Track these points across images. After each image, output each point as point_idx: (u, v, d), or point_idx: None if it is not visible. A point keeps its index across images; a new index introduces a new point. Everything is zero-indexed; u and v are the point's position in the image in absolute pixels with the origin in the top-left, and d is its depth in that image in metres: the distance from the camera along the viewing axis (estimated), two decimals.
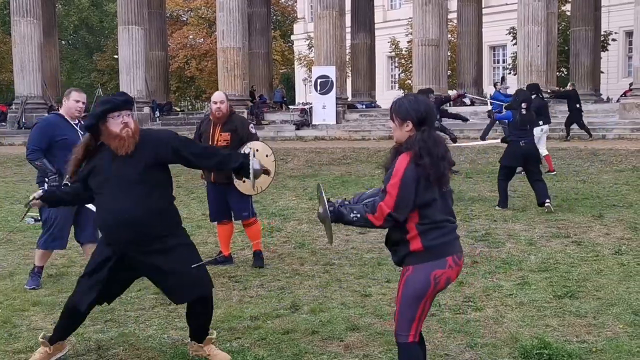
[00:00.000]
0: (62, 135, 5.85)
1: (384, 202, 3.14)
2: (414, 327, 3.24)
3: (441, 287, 3.25)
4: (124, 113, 3.89)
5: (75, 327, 4.22)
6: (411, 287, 3.21)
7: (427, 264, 3.18)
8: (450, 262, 3.22)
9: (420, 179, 3.12)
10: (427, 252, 3.18)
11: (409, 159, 3.14)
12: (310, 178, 13.93)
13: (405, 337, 3.24)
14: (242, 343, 4.47)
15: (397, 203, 3.11)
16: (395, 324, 3.31)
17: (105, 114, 3.86)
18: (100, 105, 3.92)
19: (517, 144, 9.53)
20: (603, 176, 12.79)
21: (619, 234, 7.79)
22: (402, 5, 46.94)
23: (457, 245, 3.31)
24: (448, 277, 3.23)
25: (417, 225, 3.18)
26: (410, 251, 3.21)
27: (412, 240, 3.20)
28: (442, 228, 3.21)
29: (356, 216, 3.22)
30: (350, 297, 5.52)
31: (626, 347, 4.25)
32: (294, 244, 7.66)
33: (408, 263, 3.24)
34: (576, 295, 5.41)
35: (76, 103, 5.95)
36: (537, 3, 23.73)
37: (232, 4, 26.30)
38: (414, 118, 3.20)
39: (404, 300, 3.24)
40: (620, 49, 37.92)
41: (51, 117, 6.18)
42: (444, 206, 3.24)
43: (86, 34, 50.04)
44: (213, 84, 38.51)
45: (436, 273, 3.19)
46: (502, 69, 43.60)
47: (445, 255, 3.21)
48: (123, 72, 28.05)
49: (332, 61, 25.96)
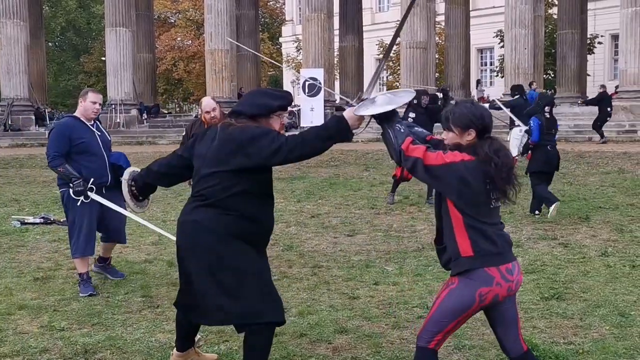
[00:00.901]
0: (80, 139, 5.76)
1: (426, 151, 3.08)
2: (438, 338, 3.19)
3: (485, 305, 3.14)
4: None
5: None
6: (453, 299, 3.12)
7: (474, 281, 3.07)
8: (498, 279, 3.07)
9: (466, 182, 3.03)
10: (476, 259, 3.08)
11: (468, 159, 3.05)
12: (298, 180, 13.93)
13: (427, 342, 3.19)
14: (230, 346, 4.46)
15: (432, 167, 3.05)
16: (422, 326, 3.25)
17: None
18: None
19: (545, 148, 9.21)
20: (589, 178, 12.88)
21: (605, 235, 7.84)
22: (390, 8, 47.07)
23: (507, 257, 3.15)
24: (496, 294, 3.09)
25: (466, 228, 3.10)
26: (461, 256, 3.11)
27: (462, 244, 3.10)
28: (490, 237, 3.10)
29: (399, 129, 3.19)
30: (339, 300, 5.52)
31: (612, 349, 4.28)
32: (282, 246, 7.65)
33: (454, 272, 3.15)
34: (563, 297, 5.44)
35: (93, 105, 5.85)
36: (524, 6, 23.88)
37: (220, 6, 26.29)
38: (477, 126, 3.11)
39: (441, 309, 3.16)
40: (606, 52, 38.21)
41: (68, 121, 6.01)
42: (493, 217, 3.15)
43: (73, 36, 49.78)
44: (201, 86, 38.49)
45: (482, 290, 3.08)
46: (490, 71, 43.88)
47: (492, 264, 3.08)
48: (110, 74, 27.95)
49: (320, 63, 25.99)
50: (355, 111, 3.39)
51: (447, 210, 3.15)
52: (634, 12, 21.93)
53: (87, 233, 5.84)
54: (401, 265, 6.64)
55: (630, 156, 15.41)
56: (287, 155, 3.42)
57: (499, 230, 3.18)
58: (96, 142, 5.84)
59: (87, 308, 5.40)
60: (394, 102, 3.33)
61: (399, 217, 9.41)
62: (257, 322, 3.46)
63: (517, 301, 5.26)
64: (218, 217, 3.48)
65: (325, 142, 3.46)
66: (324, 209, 10.35)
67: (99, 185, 5.80)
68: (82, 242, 5.82)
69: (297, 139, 3.41)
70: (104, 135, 6.02)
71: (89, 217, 5.81)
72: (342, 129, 3.42)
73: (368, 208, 10.28)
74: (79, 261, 5.91)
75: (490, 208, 3.11)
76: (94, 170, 5.77)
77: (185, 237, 3.60)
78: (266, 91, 3.72)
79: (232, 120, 3.56)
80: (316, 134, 3.45)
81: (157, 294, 5.77)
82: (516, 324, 3.23)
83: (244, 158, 3.42)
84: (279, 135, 3.45)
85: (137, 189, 4.22)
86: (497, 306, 3.17)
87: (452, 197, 3.09)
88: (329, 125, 3.47)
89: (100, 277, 6.32)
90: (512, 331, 3.22)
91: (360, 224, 8.98)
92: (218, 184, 3.48)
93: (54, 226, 9.22)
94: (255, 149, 3.41)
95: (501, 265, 3.10)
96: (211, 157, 3.53)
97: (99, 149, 5.84)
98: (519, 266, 3.23)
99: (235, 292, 3.45)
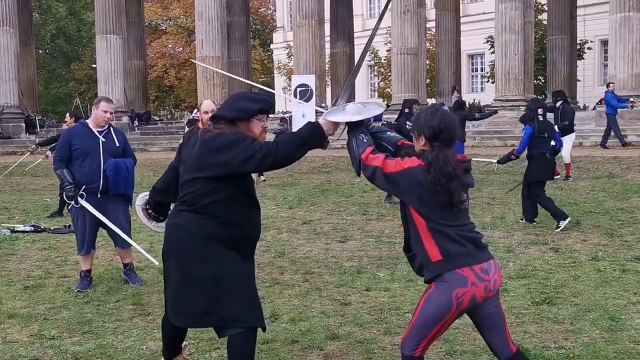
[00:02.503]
0: (78, 145, 6.07)
1: (385, 159, 3.11)
2: (423, 345, 3.18)
3: (465, 307, 3.13)
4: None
5: None
6: (432, 305, 3.12)
7: (449, 283, 3.07)
8: (472, 279, 3.06)
9: (424, 187, 3.04)
10: (445, 262, 3.07)
11: (423, 164, 3.07)
12: (290, 187, 13.93)
13: (412, 350, 3.18)
14: (221, 353, 4.44)
15: (390, 174, 3.08)
16: (405, 334, 3.24)
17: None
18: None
19: (544, 155, 8.84)
20: (580, 183, 12.94)
21: (595, 240, 7.87)
22: None
23: (479, 257, 3.14)
24: (473, 295, 3.08)
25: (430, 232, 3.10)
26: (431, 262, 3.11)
27: (430, 249, 3.10)
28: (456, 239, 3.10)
29: (362, 138, 3.23)
30: (330, 306, 5.51)
31: (603, 353, 4.30)
32: (273, 253, 7.64)
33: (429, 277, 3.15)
34: (554, 301, 5.45)
35: (104, 113, 6.15)
36: (514, 12, 24.00)
37: (211, 13, 26.30)
38: (427, 134, 3.11)
39: (421, 317, 3.15)
40: (596, 57, 38.41)
41: (74, 127, 6.49)
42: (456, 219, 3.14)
43: (63, 43, 49.62)
44: (192, 93, 38.46)
45: (458, 292, 3.07)
46: (481, 77, 44.04)
47: (463, 265, 3.07)
48: (101, 81, 27.89)
49: (311, 70, 26.01)
50: (324, 115, 3.41)
51: (411, 218, 3.15)
52: (623, 17, 22.08)
53: (82, 233, 6.18)
54: (393, 271, 6.65)
55: (620, 161, 15.48)
56: (260, 163, 3.38)
57: (468, 232, 3.15)
58: (96, 149, 6.08)
59: (78, 316, 5.37)
60: (363, 113, 3.34)
61: (391, 223, 9.42)
62: (237, 326, 3.46)
63: (509, 306, 5.30)
64: (200, 221, 3.48)
65: (299, 149, 3.42)
66: (316, 215, 10.35)
67: (90, 189, 6.06)
68: (79, 241, 6.27)
69: (270, 146, 3.38)
70: (111, 142, 6.19)
71: (82, 218, 6.13)
72: (317, 136, 3.40)
73: (360, 214, 10.29)
74: (80, 258, 6.36)
75: (455, 210, 3.09)
76: (84, 174, 6.06)
77: (167, 240, 3.62)
78: (246, 95, 3.68)
79: (211, 126, 3.56)
80: (289, 141, 3.42)
81: (148, 302, 5.75)
82: (503, 326, 3.22)
83: (220, 165, 3.40)
84: (253, 142, 3.41)
85: (153, 210, 4.25)
86: (478, 309, 3.17)
87: (413, 203, 3.10)
88: (302, 131, 3.43)
89: (94, 284, 6.30)
90: (499, 333, 3.21)
91: (352, 230, 8.98)
92: (198, 190, 3.47)
93: (44, 234, 9.18)
94: (230, 156, 3.38)
95: (474, 265, 3.09)
96: (191, 163, 3.53)
97: (97, 156, 6.06)
98: (496, 265, 3.21)
99: (215, 296, 3.44)
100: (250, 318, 3.50)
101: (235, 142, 3.39)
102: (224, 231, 3.48)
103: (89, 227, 6.16)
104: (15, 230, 9.34)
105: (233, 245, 3.51)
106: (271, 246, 8.00)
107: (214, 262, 3.46)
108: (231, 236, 3.50)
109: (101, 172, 6.04)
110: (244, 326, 3.48)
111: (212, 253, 3.47)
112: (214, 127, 3.52)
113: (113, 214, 6.14)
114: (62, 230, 9.38)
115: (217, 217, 3.47)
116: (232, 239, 3.51)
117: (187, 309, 3.52)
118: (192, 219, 3.49)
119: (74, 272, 6.89)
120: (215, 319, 3.50)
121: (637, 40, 22.07)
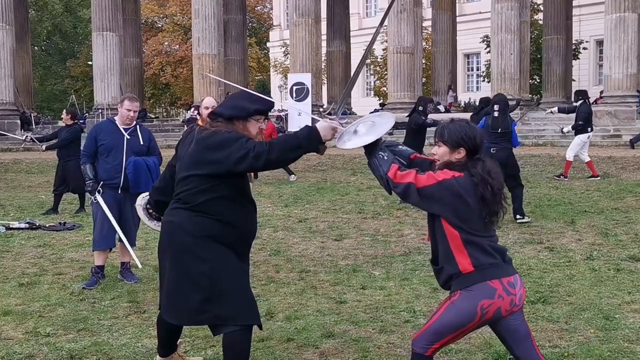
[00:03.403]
0: (103, 140, 6.21)
1: (417, 175, 3.07)
2: (435, 347, 3.17)
3: (488, 319, 3.11)
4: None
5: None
6: (454, 312, 3.11)
7: (476, 293, 3.06)
8: (500, 291, 3.06)
9: (462, 198, 3.04)
10: (477, 273, 3.07)
11: (459, 175, 3.07)
12: (286, 185, 13.93)
13: (424, 350, 3.17)
14: (217, 351, 4.44)
15: (425, 188, 3.04)
16: (419, 332, 3.23)
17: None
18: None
19: (488, 150, 8.65)
20: (575, 182, 12.97)
21: (590, 239, 7.90)
22: (377, 14, 47.26)
23: (507, 271, 3.14)
24: (498, 307, 3.07)
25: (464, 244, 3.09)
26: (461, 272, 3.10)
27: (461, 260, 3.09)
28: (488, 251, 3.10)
29: (383, 156, 3.16)
30: (326, 304, 5.52)
31: (597, 352, 4.31)
32: (269, 251, 7.65)
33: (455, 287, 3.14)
34: (549, 300, 5.47)
35: (127, 112, 6.27)
36: (510, 12, 24.03)
37: (207, 11, 26.25)
38: (468, 146, 3.12)
39: (441, 321, 3.15)
40: (591, 57, 38.53)
41: (101, 123, 6.59)
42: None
43: (60, 40, 49.49)
44: (188, 90, 38.36)
45: (484, 303, 3.06)
46: (477, 76, 44.11)
47: (493, 277, 3.07)
48: (97, 78, 27.81)
49: (307, 68, 26.00)
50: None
51: (442, 231, 3.12)
52: (618, 18, 22.13)
53: (100, 228, 6.25)
54: (388, 270, 6.66)
55: (614, 161, 15.53)
56: (253, 163, 3.35)
57: (496, 243, 3.18)
58: (121, 146, 6.19)
59: (73, 314, 5.37)
60: (376, 132, 3.25)
61: (386, 222, 9.43)
62: (232, 324, 3.46)
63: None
64: (195, 219, 3.47)
65: (293, 152, 3.39)
66: (312, 213, 10.35)
67: (110, 185, 6.19)
68: (96, 236, 6.35)
69: (264, 146, 3.35)
70: (135, 140, 6.29)
71: (102, 214, 6.19)
72: (313, 140, 3.37)
73: (355, 213, 10.30)
74: (95, 254, 6.44)
75: (486, 222, 3.11)
76: (106, 170, 6.20)
77: (162, 237, 3.62)
78: (248, 95, 3.66)
79: (208, 124, 3.55)
80: (285, 142, 3.39)
81: (143, 299, 5.75)
82: (529, 338, 3.18)
83: (215, 163, 3.39)
84: (247, 141, 3.39)
85: (154, 210, 4.24)
86: (503, 323, 3.14)
87: (448, 215, 3.07)
88: (299, 134, 3.40)
89: (102, 282, 6.32)
90: (527, 345, 3.17)
91: (347, 229, 8.99)
92: (193, 188, 3.47)
93: (39, 231, 9.17)
94: (224, 154, 3.37)
95: (503, 278, 3.09)
96: (186, 161, 3.53)
97: (120, 152, 6.18)
98: (521, 281, 3.21)
99: (210, 294, 3.44)
100: (245, 316, 3.50)
101: (229, 141, 3.39)
102: (219, 229, 3.48)
103: (106, 221, 6.21)
104: (10, 228, 9.33)
105: (228, 244, 3.51)
106: (267, 244, 8.00)
107: (209, 260, 3.46)
108: (226, 234, 3.50)
109: (122, 169, 6.15)
110: (239, 324, 3.47)
111: (207, 251, 3.47)
112: (211, 124, 3.52)
113: (130, 212, 6.16)
114: (57, 227, 9.37)
115: (213, 215, 3.46)
116: (228, 237, 3.51)
117: (182, 306, 3.52)
118: (187, 217, 3.49)
119: (69, 270, 6.89)
120: (210, 316, 3.49)
121: (632, 40, 22.13)
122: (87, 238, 8.47)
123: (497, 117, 9.03)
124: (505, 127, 9.08)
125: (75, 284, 6.30)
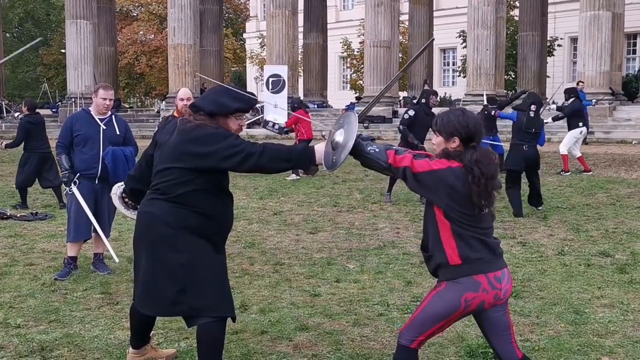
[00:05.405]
0: (79, 131, 6.13)
1: (413, 159, 3.07)
2: (420, 339, 3.19)
3: (471, 310, 3.13)
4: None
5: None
6: (439, 303, 3.12)
7: (461, 285, 3.07)
8: (485, 285, 3.08)
9: (456, 188, 3.03)
10: (463, 267, 3.08)
11: (455, 166, 3.06)
12: (260, 177, 13.89)
13: (409, 342, 3.18)
14: (190, 343, 4.43)
15: (419, 174, 3.05)
16: (405, 325, 3.24)
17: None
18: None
19: (520, 147, 9.27)
20: (547, 179, 13.11)
21: (562, 235, 8.00)
22: (354, 6, 47.24)
23: (495, 265, 3.16)
24: (482, 300, 3.09)
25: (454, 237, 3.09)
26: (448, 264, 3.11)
27: (450, 251, 3.10)
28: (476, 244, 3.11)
29: (374, 150, 3.14)
30: (300, 297, 5.53)
31: (567, 346, 4.38)
32: (243, 243, 7.63)
33: (442, 277, 3.15)
34: (521, 295, 5.53)
35: (103, 101, 6.20)
36: (486, 7, 24.19)
37: (184, 1, 26.06)
38: (461, 134, 3.11)
39: (426, 311, 3.16)
40: (565, 54, 38.95)
41: (77, 113, 6.57)
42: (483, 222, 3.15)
43: (32, 27, 48.69)
44: (163, 80, 38.07)
45: (468, 296, 3.08)
46: (452, 71, 44.35)
47: (479, 272, 3.09)
48: (70, 67, 27.49)
49: (284, 60, 25.97)
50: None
51: (433, 218, 3.13)
52: (592, 15, 22.40)
53: (75, 219, 6.17)
54: (362, 263, 6.68)
55: (587, 157, 15.71)
56: (241, 162, 3.33)
57: (488, 237, 3.18)
58: (97, 136, 6.13)
59: (44, 305, 5.31)
60: (350, 134, 3.21)
61: (361, 215, 9.46)
62: (206, 316, 3.45)
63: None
64: (173, 210, 3.45)
65: (283, 162, 3.38)
66: (287, 206, 10.35)
67: (87, 175, 6.13)
68: (70, 228, 6.25)
69: (256, 148, 3.33)
70: (111, 130, 6.23)
71: (77, 204, 6.12)
72: (305, 159, 3.37)
73: (330, 206, 10.32)
74: (68, 245, 6.35)
75: (482, 213, 3.11)
76: (84, 160, 6.13)
77: (139, 228, 3.58)
78: (230, 91, 3.60)
79: (191, 117, 3.52)
80: (277, 150, 3.37)
81: (116, 291, 5.71)
82: (509, 331, 3.21)
83: (199, 157, 3.36)
84: (237, 139, 3.38)
85: (129, 198, 4.20)
86: (485, 313, 3.17)
87: (442, 204, 3.07)
88: (294, 148, 3.41)
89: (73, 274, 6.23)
90: (505, 339, 3.20)
91: (322, 222, 9.00)
92: (173, 179, 3.44)
93: (10, 221, 9.04)
94: (211, 149, 3.34)
95: (489, 273, 3.11)
96: (167, 152, 3.49)
97: (96, 143, 6.12)
98: (510, 274, 3.22)
99: (185, 285, 3.43)
100: (220, 308, 3.49)
101: (218, 137, 3.36)
102: (196, 221, 3.46)
103: (81, 212, 6.13)
104: (5, 216, 9.19)
105: (205, 235, 3.49)
106: (241, 237, 7.98)
107: (185, 251, 3.44)
108: (204, 226, 3.48)
109: (100, 159, 6.10)
110: (213, 316, 3.46)
111: (184, 242, 3.45)
112: (194, 117, 3.49)
113: (106, 202, 6.11)
114: (28, 217, 9.24)
115: (191, 206, 3.44)
116: (205, 229, 3.49)
117: (157, 297, 3.50)
118: (165, 208, 3.46)
119: (40, 260, 6.81)
120: (185, 308, 3.48)
121: (605, 38, 22.42)
122: (59, 229, 8.37)
123: (532, 117, 9.35)
124: (538, 127, 9.46)
125: (47, 274, 6.22)
